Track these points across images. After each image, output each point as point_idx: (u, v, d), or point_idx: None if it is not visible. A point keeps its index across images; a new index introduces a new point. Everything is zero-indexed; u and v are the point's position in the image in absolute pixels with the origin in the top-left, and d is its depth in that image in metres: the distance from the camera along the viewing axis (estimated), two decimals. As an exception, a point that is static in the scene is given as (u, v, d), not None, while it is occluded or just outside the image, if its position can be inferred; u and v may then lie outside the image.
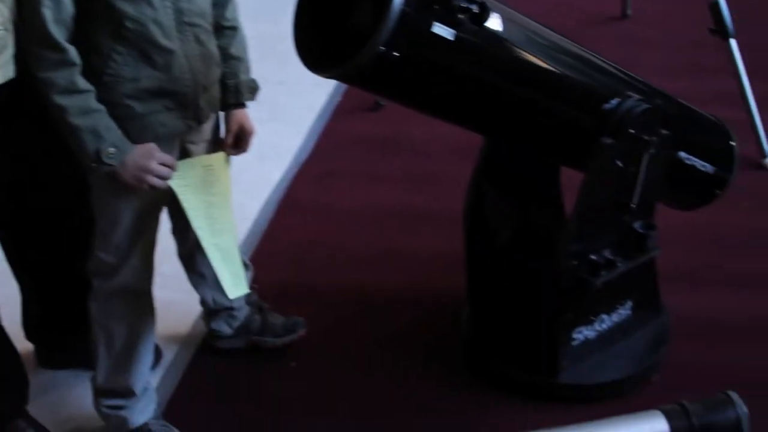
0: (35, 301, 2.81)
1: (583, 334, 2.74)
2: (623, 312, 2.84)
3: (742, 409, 1.29)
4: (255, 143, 2.51)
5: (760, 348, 2.91)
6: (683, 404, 1.30)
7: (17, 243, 2.68)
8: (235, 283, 2.40)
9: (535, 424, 2.08)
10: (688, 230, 3.41)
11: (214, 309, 2.87)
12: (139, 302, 2.47)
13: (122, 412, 2.56)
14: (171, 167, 2.23)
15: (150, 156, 2.19)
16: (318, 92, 4.66)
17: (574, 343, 2.73)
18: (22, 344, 2.88)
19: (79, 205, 2.45)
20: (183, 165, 2.28)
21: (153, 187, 2.20)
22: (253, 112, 2.52)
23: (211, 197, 2.26)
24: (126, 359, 2.49)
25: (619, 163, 2.52)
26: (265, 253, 3.45)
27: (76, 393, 2.86)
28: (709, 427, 1.28)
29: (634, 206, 2.56)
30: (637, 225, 2.65)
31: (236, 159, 2.49)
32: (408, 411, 2.74)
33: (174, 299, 3.17)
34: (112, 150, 2.13)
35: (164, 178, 2.21)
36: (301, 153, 4.19)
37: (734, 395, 1.31)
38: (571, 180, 2.68)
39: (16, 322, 2.82)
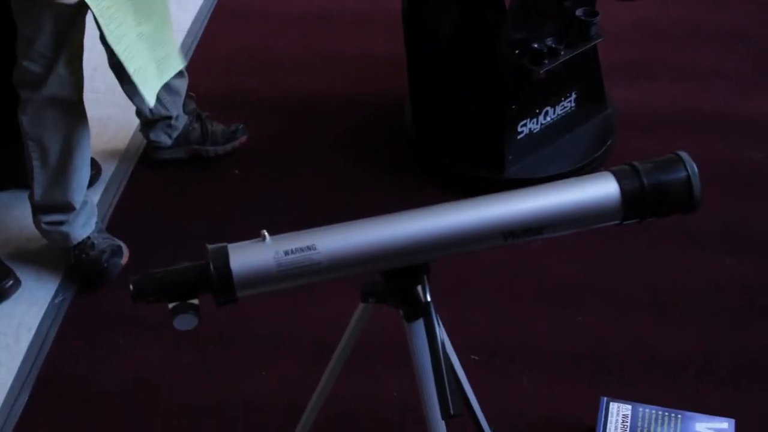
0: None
1: (528, 127, 2.72)
2: (568, 105, 2.81)
3: (692, 167, 1.26)
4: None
5: (698, 137, 2.92)
6: (633, 164, 1.27)
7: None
8: (162, 69, 2.29)
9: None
10: (632, 25, 3.38)
11: (151, 119, 2.80)
12: (71, 113, 2.38)
13: (63, 228, 2.52)
14: None
15: None
16: None
17: (520, 136, 2.71)
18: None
19: (2, 17, 2.33)
20: None
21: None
22: None
23: None
24: (62, 173, 2.43)
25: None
26: (200, 62, 3.35)
27: (15, 214, 2.82)
28: (659, 186, 1.26)
29: (576, -9, 2.50)
30: (579, 12, 2.58)
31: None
32: (353, 207, 2.74)
33: (110, 115, 3.11)
34: None
35: None
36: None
37: (684, 155, 1.28)
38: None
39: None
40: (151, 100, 2.26)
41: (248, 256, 1.21)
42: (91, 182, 2.79)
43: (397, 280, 1.31)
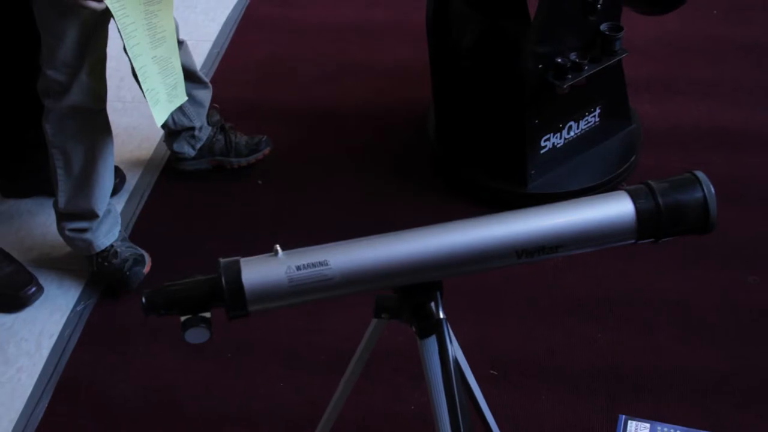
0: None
1: (551, 141, 2.71)
2: (592, 120, 2.79)
3: (709, 188, 1.26)
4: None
5: (724, 153, 2.89)
6: (648, 183, 1.27)
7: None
8: (171, 96, 2.31)
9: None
10: (658, 40, 3.36)
11: (174, 129, 2.81)
12: (94, 121, 2.40)
13: (86, 235, 2.53)
14: None
15: None
16: None
17: (542, 151, 2.70)
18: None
19: (26, 26, 2.35)
20: None
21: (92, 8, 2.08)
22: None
23: (153, 6, 2.15)
24: (85, 180, 2.44)
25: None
26: (226, 73, 3.37)
27: (40, 221, 2.84)
28: (674, 207, 1.25)
29: (600, 6, 2.48)
30: (603, 26, 2.58)
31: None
32: (375, 219, 2.75)
33: (136, 124, 3.14)
34: None
35: None
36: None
37: (701, 174, 1.27)
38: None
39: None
40: (159, 121, 2.28)
41: (260, 271, 1.21)
42: (115, 191, 2.82)
43: (409, 297, 1.31)
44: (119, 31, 2.11)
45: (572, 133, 2.76)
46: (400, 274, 1.25)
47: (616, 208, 1.26)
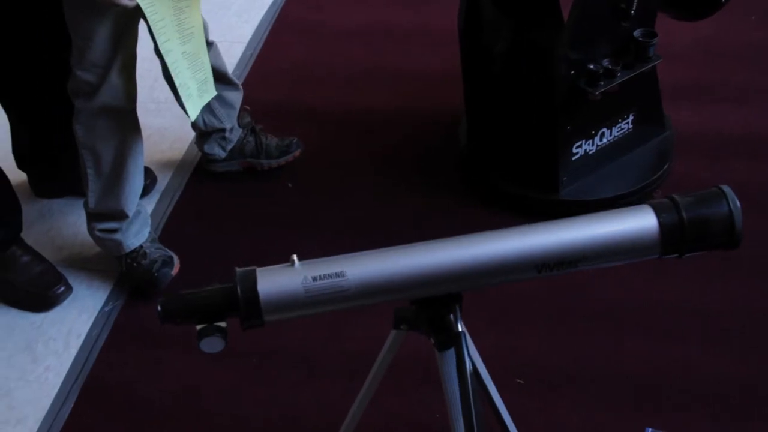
0: (24, 130, 2.76)
1: (583, 148, 2.68)
2: (625, 126, 2.76)
3: (735, 203, 1.23)
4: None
5: (761, 162, 2.84)
6: (673, 197, 1.24)
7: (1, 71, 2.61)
8: (201, 91, 2.32)
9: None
10: (695, 45, 3.32)
11: (205, 131, 2.81)
12: (123, 122, 2.40)
13: (116, 236, 2.54)
14: None
15: None
16: None
17: (574, 157, 2.67)
18: (17, 174, 2.86)
19: (58, 29, 2.36)
20: None
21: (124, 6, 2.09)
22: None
23: (181, 2, 2.16)
24: (115, 181, 2.45)
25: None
26: (258, 75, 3.38)
27: (71, 221, 2.86)
28: (699, 221, 1.22)
29: (634, 12, 2.45)
30: (637, 33, 2.54)
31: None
32: (403, 225, 2.73)
33: (168, 125, 3.14)
34: None
35: None
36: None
37: (727, 189, 1.24)
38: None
39: (8, 151, 2.81)
40: (192, 115, 2.31)
41: (276, 281, 1.21)
42: (146, 191, 2.83)
43: (427, 309, 1.29)
44: (149, 29, 2.12)
45: (605, 140, 2.73)
46: (417, 287, 1.23)
47: (639, 222, 1.24)
